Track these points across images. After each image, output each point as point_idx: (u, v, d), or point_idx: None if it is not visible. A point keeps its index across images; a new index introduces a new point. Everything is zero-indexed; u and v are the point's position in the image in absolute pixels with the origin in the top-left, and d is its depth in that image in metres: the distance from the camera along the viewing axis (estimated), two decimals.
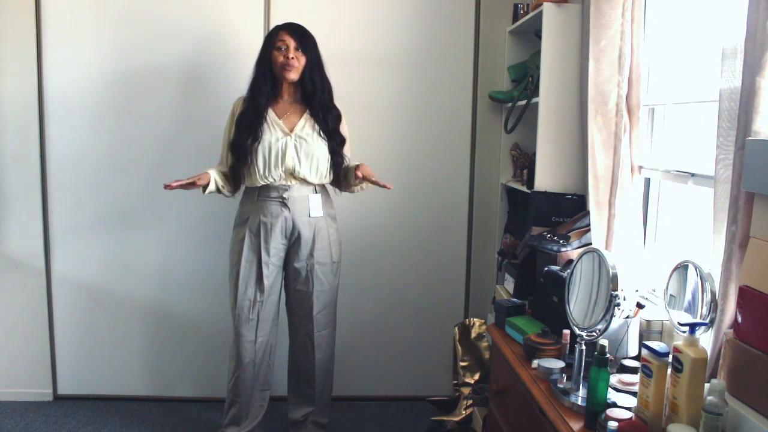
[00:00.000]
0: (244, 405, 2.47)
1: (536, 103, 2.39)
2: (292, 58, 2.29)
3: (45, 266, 2.90)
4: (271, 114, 2.34)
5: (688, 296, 1.50)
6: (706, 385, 1.28)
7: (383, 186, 2.30)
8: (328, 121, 2.36)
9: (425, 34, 2.87)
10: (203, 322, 2.96)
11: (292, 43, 2.30)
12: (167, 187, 2.21)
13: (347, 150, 2.45)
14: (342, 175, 2.42)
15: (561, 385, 1.59)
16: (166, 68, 2.81)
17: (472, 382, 2.56)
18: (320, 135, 2.34)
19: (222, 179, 2.37)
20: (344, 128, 2.44)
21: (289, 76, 2.31)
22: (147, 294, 2.94)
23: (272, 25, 2.46)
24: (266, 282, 2.38)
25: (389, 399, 3.07)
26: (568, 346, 1.76)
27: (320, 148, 2.34)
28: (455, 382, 2.63)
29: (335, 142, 2.37)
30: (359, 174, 2.30)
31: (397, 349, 3.06)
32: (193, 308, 2.96)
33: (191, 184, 2.27)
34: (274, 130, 2.32)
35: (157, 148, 2.86)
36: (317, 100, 2.35)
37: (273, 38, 2.33)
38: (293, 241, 2.39)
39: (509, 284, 2.50)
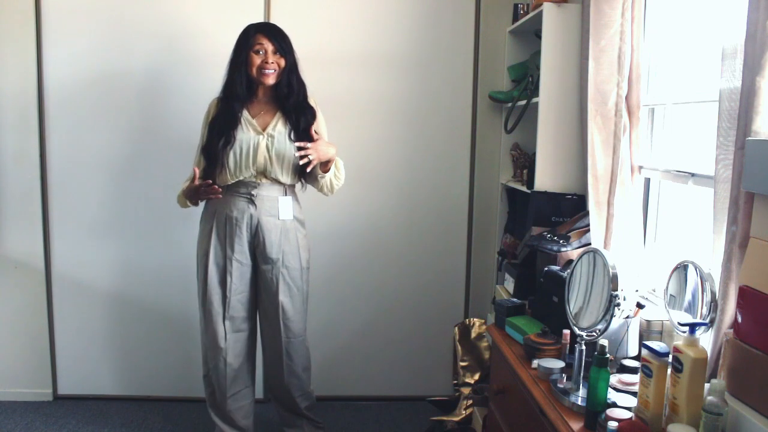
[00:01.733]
0: (225, 410, 2.42)
1: (536, 103, 2.39)
2: (272, 62, 2.25)
3: (45, 266, 2.90)
4: (244, 113, 2.29)
5: (688, 296, 1.50)
6: (706, 385, 1.28)
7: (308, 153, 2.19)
8: (300, 121, 2.30)
9: (425, 34, 2.87)
10: None
11: (270, 47, 2.25)
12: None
13: None
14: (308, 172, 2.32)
15: (561, 385, 1.59)
16: (168, 67, 2.81)
17: (472, 382, 2.56)
18: (289, 136, 2.29)
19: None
20: (320, 127, 2.37)
21: (268, 81, 2.26)
22: (147, 294, 2.94)
23: None
24: (229, 278, 2.33)
25: (389, 399, 3.06)
26: (568, 346, 1.76)
27: (291, 147, 2.27)
28: (455, 382, 2.63)
29: (305, 140, 2.26)
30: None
31: (397, 349, 3.05)
32: (194, 309, 2.93)
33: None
34: (246, 129, 2.27)
35: (157, 148, 2.85)
36: (292, 101, 2.31)
37: (250, 41, 2.26)
38: (258, 241, 2.33)
39: (509, 284, 2.50)
